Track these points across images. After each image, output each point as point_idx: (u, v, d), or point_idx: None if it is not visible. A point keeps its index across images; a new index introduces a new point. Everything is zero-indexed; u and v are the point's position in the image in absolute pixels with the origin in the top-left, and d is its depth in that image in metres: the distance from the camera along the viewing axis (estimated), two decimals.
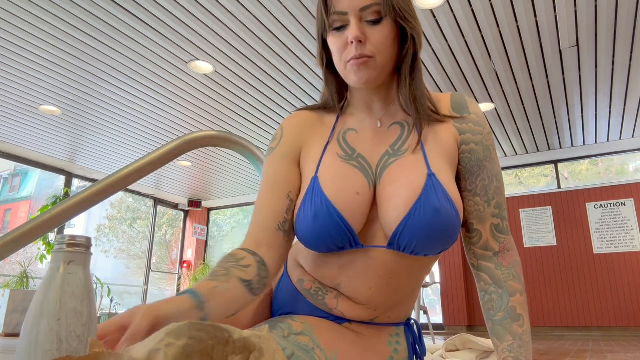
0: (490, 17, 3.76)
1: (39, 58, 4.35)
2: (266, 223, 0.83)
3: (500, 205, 0.85)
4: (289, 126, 0.92)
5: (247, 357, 0.40)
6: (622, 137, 6.36)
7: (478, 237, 0.85)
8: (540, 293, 6.54)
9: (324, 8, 0.83)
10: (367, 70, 0.80)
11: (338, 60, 0.83)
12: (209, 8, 3.66)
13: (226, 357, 0.39)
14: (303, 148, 0.89)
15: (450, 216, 0.76)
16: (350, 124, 0.90)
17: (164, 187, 8.56)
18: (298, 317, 0.84)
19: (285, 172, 0.87)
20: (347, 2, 0.79)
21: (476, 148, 0.84)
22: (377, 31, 0.79)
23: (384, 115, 0.88)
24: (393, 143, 0.85)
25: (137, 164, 1.25)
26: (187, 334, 0.38)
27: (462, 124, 0.85)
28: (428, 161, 0.80)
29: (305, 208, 0.81)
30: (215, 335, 0.39)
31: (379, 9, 0.78)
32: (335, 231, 0.78)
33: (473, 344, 1.95)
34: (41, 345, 0.43)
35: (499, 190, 0.86)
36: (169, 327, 0.39)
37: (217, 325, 0.40)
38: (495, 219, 0.85)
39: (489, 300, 0.83)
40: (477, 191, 0.84)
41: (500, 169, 0.88)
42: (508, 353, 0.77)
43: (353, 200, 0.79)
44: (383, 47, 0.79)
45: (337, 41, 0.82)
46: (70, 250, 0.48)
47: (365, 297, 0.82)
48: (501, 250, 0.85)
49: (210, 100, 5.22)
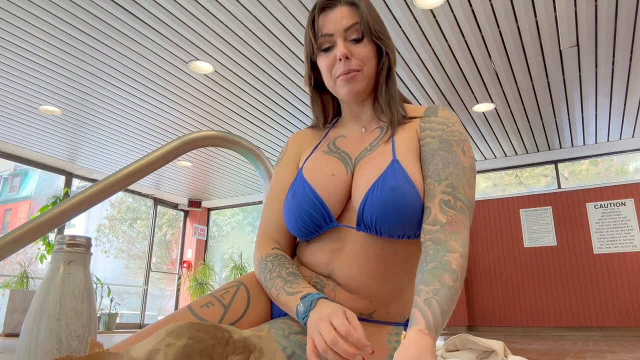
0: (490, 17, 3.76)
1: (39, 58, 4.35)
2: (276, 221, 0.97)
3: (454, 187, 0.84)
4: (293, 139, 1.09)
5: (247, 357, 0.40)
6: (622, 137, 6.36)
7: (427, 213, 0.84)
8: (540, 293, 6.54)
9: (312, 33, 0.96)
10: (356, 83, 0.92)
11: (328, 78, 0.95)
12: (209, 8, 3.66)
13: (226, 357, 0.39)
14: (302, 154, 1.05)
15: (408, 194, 0.83)
16: (341, 132, 1.04)
17: (164, 187, 8.56)
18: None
19: (289, 177, 1.01)
20: (332, 25, 0.93)
21: (432, 141, 0.92)
22: (360, 48, 0.92)
23: (369, 122, 1.01)
24: (372, 141, 0.97)
25: (137, 164, 1.25)
26: (187, 334, 0.38)
27: (426, 124, 0.95)
28: (395, 151, 0.90)
29: (289, 192, 0.95)
30: (215, 335, 0.39)
31: (359, 27, 0.92)
32: (309, 205, 0.88)
33: (473, 344, 1.95)
34: (41, 345, 0.43)
35: (456, 176, 0.85)
36: (168, 327, 0.39)
37: (217, 325, 0.40)
38: (446, 196, 0.83)
39: (423, 255, 0.79)
40: (429, 174, 0.88)
41: (467, 165, 0.88)
42: (433, 295, 0.70)
43: (328, 180, 0.91)
44: (367, 60, 0.93)
45: (326, 60, 0.94)
46: (70, 250, 0.48)
47: (358, 284, 0.85)
48: (448, 222, 0.81)
49: (210, 100, 5.22)
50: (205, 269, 9.01)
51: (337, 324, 0.68)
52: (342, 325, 0.68)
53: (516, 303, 6.64)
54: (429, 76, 4.71)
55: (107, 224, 9.79)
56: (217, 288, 0.94)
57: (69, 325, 0.44)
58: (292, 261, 0.92)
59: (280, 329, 0.80)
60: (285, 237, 0.97)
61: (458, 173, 0.86)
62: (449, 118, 0.95)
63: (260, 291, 0.94)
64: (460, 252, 0.77)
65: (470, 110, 5.48)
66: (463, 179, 0.86)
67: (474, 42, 4.11)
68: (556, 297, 6.44)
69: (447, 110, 0.97)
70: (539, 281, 6.59)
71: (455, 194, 0.84)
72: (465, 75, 4.70)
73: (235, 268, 8.78)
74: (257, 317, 0.91)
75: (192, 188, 8.69)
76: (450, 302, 0.71)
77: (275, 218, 0.97)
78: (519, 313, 6.59)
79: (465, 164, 0.88)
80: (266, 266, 0.90)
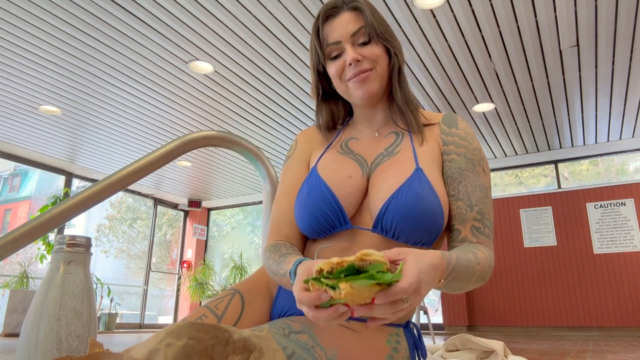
0: (490, 17, 3.76)
1: (39, 58, 4.35)
2: (288, 218, 0.95)
3: (483, 213, 0.89)
4: (302, 137, 1.07)
5: (247, 357, 0.40)
6: (622, 137, 6.36)
7: (457, 233, 0.89)
8: (540, 293, 6.54)
9: (317, 43, 0.94)
10: (369, 83, 0.91)
11: (339, 83, 0.94)
12: (209, 8, 3.66)
13: (226, 357, 0.39)
14: (312, 153, 1.03)
15: (432, 204, 0.84)
16: (352, 134, 1.02)
17: (164, 187, 8.56)
18: (296, 317, 0.85)
19: (300, 175, 1.00)
20: (339, 32, 0.92)
21: (457, 158, 0.92)
22: (369, 48, 0.91)
23: (383, 126, 1.00)
24: (388, 146, 0.96)
25: (137, 164, 1.25)
26: (187, 334, 0.38)
27: (448, 136, 0.95)
28: (417, 160, 0.90)
29: (302, 190, 0.94)
30: (215, 335, 0.39)
31: (365, 31, 0.91)
32: (324, 205, 0.88)
33: (473, 344, 1.95)
34: (41, 345, 0.43)
35: (483, 201, 0.90)
36: (168, 327, 0.39)
37: (217, 326, 0.40)
38: (477, 222, 0.88)
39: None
40: (459, 196, 0.89)
41: (488, 185, 0.93)
42: (454, 251, 0.77)
43: (344, 181, 0.90)
44: (378, 59, 0.92)
45: (335, 67, 0.93)
46: (70, 250, 0.48)
47: None
48: (477, 243, 0.88)
49: (210, 100, 5.22)
50: (205, 269, 9.01)
51: (303, 301, 0.63)
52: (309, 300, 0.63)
53: (516, 303, 6.64)
54: (429, 76, 4.71)
55: (107, 224, 9.79)
56: (212, 298, 0.94)
57: (69, 325, 0.44)
58: (287, 244, 0.90)
59: (280, 329, 0.80)
60: (295, 233, 0.95)
61: (484, 197, 0.90)
62: (469, 133, 0.96)
63: (256, 297, 0.94)
64: (486, 256, 0.84)
65: (470, 110, 5.48)
66: (488, 204, 0.91)
67: (474, 42, 4.11)
68: (556, 297, 6.44)
69: (465, 122, 0.98)
70: (539, 281, 6.59)
71: (484, 220, 0.89)
72: (465, 75, 4.70)
73: (235, 268, 8.78)
74: (252, 322, 0.91)
75: (192, 188, 8.69)
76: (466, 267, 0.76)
77: (285, 215, 0.96)
78: (519, 313, 6.59)
79: (486, 185, 0.93)
80: (266, 258, 0.90)
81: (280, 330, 0.79)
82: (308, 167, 1.02)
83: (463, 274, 0.76)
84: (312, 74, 1.00)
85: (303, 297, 0.63)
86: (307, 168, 1.01)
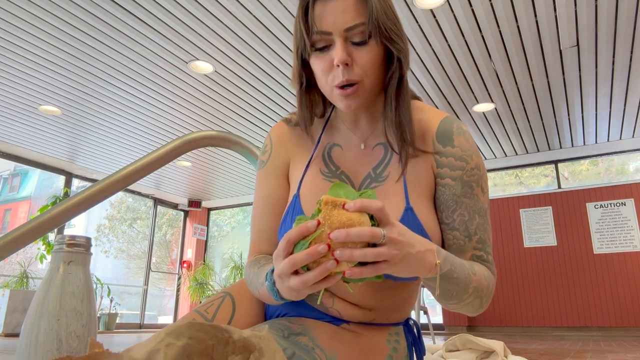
0: (490, 17, 3.76)
1: (39, 58, 4.35)
2: (267, 235, 0.90)
3: (483, 242, 0.83)
4: (277, 139, 0.94)
5: (247, 357, 0.40)
6: (622, 137, 6.36)
7: None
8: (540, 293, 6.54)
9: (304, 26, 0.77)
10: (356, 99, 0.78)
11: (324, 83, 0.80)
12: (209, 8, 3.66)
13: (226, 357, 0.39)
14: (291, 161, 0.92)
15: None
16: (336, 139, 0.90)
17: (164, 187, 8.56)
18: (295, 319, 0.85)
19: (277, 190, 0.91)
20: (332, 21, 0.75)
21: (452, 183, 0.82)
22: (363, 53, 0.76)
23: (370, 135, 0.88)
24: (376, 165, 0.85)
25: (137, 164, 1.25)
26: (187, 334, 0.38)
27: (442, 157, 0.83)
28: (407, 194, 0.80)
29: (286, 225, 0.84)
30: (215, 335, 0.39)
31: (364, 29, 0.74)
32: None
33: (473, 344, 1.95)
34: (41, 345, 0.43)
35: (484, 227, 0.83)
36: (168, 327, 0.39)
37: (217, 326, 0.40)
38: (478, 252, 0.83)
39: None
40: (455, 225, 0.82)
41: (486, 205, 0.85)
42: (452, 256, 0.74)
43: None
44: (370, 69, 0.77)
45: (321, 63, 0.78)
46: (70, 250, 0.48)
47: (358, 298, 0.82)
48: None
49: (210, 100, 5.22)
50: (205, 269, 9.02)
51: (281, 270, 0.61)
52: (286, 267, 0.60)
53: (516, 303, 6.64)
54: (429, 76, 4.71)
55: (107, 224, 9.79)
56: (202, 302, 0.92)
57: (69, 325, 0.44)
58: (268, 257, 0.87)
59: (279, 330, 0.79)
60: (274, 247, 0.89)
61: (483, 222, 0.83)
62: (466, 149, 0.84)
63: (247, 298, 0.92)
64: (485, 274, 0.80)
65: (470, 110, 5.47)
66: (488, 228, 0.85)
67: (474, 42, 4.11)
68: (556, 297, 6.44)
69: (462, 134, 0.85)
70: (539, 281, 6.59)
71: (485, 248, 0.83)
72: (465, 75, 4.70)
73: (235, 268, 8.79)
74: (244, 325, 0.90)
75: (192, 188, 8.69)
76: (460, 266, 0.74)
77: (267, 233, 0.90)
78: (519, 313, 6.59)
79: (485, 206, 0.85)
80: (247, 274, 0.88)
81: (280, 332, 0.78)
82: (283, 178, 0.92)
83: (458, 273, 0.73)
84: (295, 60, 0.83)
85: (280, 251, 0.61)
86: (283, 179, 0.92)
